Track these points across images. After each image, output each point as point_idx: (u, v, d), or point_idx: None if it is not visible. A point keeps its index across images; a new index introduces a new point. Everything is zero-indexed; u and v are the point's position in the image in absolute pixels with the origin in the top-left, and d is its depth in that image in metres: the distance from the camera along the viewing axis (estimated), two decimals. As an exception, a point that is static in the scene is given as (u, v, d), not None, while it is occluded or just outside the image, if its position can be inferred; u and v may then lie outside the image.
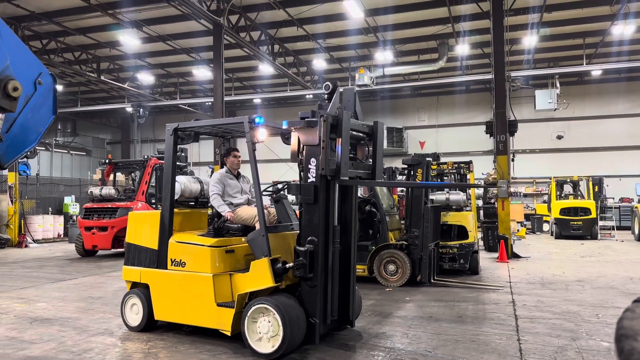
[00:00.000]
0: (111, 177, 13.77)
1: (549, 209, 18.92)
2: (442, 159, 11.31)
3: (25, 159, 15.50)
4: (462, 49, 18.10)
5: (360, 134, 5.08)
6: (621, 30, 16.17)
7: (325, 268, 4.69)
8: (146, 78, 22.28)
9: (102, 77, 20.28)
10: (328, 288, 4.73)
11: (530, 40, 17.12)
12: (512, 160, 13.44)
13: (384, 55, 18.58)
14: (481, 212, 14.45)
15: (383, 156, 5.23)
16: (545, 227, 19.78)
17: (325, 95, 4.82)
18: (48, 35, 17.28)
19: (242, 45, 16.12)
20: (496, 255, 11.69)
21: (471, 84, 23.12)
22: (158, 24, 16.36)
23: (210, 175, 6.62)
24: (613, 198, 21.17)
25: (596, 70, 19.94)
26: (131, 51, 19.08)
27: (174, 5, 14.48)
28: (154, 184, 12.54)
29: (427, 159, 8.81)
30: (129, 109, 24.94)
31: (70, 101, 25.60)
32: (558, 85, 19.12)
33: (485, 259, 11.36)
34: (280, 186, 5.60)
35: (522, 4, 14.52)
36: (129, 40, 17.18)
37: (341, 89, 4.91)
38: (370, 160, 5.22)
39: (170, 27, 16.70)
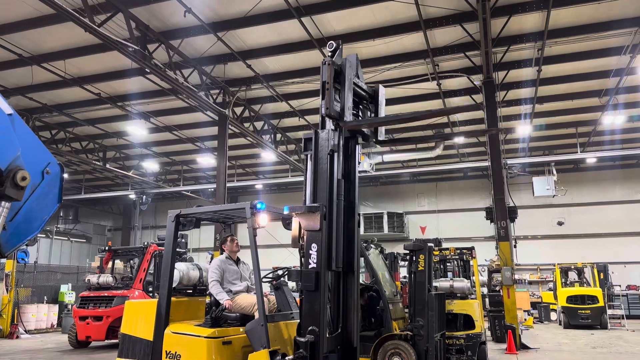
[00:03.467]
0: (110, 264, 13.61)
1: (555, 297, 18.46)
2: (444, 245, 11.27)
3: (24, 247, 15.41)
4: (458, 137, 18.65)
5: (363, 93, 5.13)
6: (612, 120, 16.75)
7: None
8: (151, 166, 22.76)
9: (108, 166, 20.73)
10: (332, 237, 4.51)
11: (524, 129, 17.68)
12: (515, 246, 13.36)
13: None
14: (487, 300, 14.10)
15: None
16: (553, 315, 19.18)
17: (329, 53, 4.93)
18: (58, 126, 17.91)
19: (246, 134, 16.65)
20: (504, 346, 11.23)
21: (469, 171, 23.54)
22: (165, 115, 17.03)
23: (210, 261, 6.56)
24: (620, 285, 20.72)
25: (591, 158, 20.39)
26: (138, 141, 19.67)
27: (181, 99, 15.16)
28: (152, 271, 12.36)
29: (429, 244, 8.75)
30: (132, 196, 25.21)
31: (74, 189, 25.94)
32: (554, 172, 19.48)
33: (494, 350, 10.90)
34: (280, 272, 5.52)
35: (514, 95, 15.18)
36: (136, 130, 17.79)
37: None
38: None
39: (177, 118, 17.36)
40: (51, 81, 14.11)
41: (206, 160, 21.45)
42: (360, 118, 5.16)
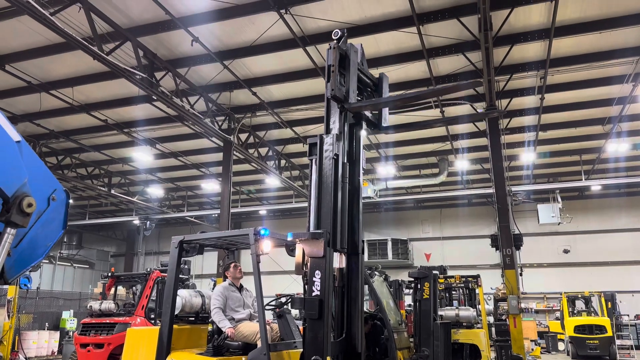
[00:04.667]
0: (112, 290, 13.51)
1: (563, 327, 18.14)
2: (449, 272, 11.15)
3: (28, 272, 15.32)
4: (462, 164, 18.70)
5: (367, 80, 5.25)
6: (615, 147, 16.75)
7: None
8: (155, 191, 22.83)
9: (113, 191, 20.80)
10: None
11: (528, 156, 17.69)
12: (520, 274, 13.19)
13: (386, 170, 19.15)
14: (493, 329, 13.85)
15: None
16: (561, 345, 18.81)
17: (335, 40, 5.01)
18: (64, 152, 18.06)
19: (250, 160, 16.73)
20: (511, 377, 10.99)
21: (473, 198, 23.46)
22: (171, 142, 17.17)
23: (213, 288, 6.52)
24: (628, 315, 20.37)
25: (595, 186, 20.31)
26: (143, 166, 19.79)
27: (187, 125, 15.30)
28: (154, 298, 12.24)
29: (434, 272, 8.67)
30: (136, 222, 25.21)
31: (78, 214, 25.98)
32: (559, 199, 19.37)
33: (500, 381, 10.67)
34: (283, 300, 5.47)
35: (517, 123, 15.24)
36: (142, 156, 17.91)
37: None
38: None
39: (182, 145, 17.49)
40: (59, 108, 14.29)
41: (210, 186, 21.50)
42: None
